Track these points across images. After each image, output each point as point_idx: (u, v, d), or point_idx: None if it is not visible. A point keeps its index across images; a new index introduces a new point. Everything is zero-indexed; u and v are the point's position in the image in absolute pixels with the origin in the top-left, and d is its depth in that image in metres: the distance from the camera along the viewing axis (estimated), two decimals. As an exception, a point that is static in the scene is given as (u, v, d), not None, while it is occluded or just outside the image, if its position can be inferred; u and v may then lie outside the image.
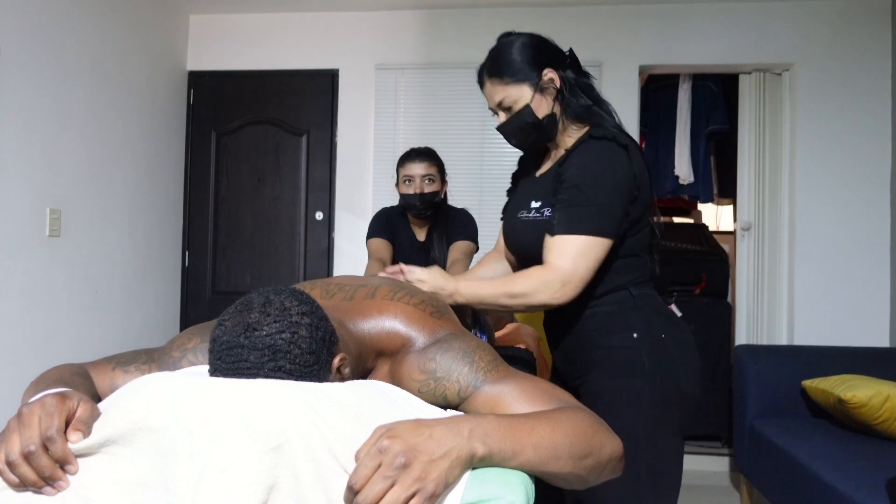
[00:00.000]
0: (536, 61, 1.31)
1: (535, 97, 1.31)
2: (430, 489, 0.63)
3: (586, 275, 1.22)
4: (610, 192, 1.23)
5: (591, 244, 1.22)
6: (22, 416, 0.68)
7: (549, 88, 1.31)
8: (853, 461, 1.97)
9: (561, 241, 1.22)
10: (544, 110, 1.32)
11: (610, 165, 1.24)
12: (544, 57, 1.32)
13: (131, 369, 0.92)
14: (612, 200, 1.23)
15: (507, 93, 1.32)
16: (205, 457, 0.64)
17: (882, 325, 3.17)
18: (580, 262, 1.21)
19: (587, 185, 1.23)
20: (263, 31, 3.62)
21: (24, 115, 2.40)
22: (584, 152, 1.27)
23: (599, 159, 1.25)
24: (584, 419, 0.80)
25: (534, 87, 1.31)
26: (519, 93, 1.31)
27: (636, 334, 1.28)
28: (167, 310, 3.51)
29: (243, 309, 0.76)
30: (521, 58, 1.31)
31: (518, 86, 1.31)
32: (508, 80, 1.31)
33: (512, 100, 1.32)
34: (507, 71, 1.31)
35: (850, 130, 3.23)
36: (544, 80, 1.31)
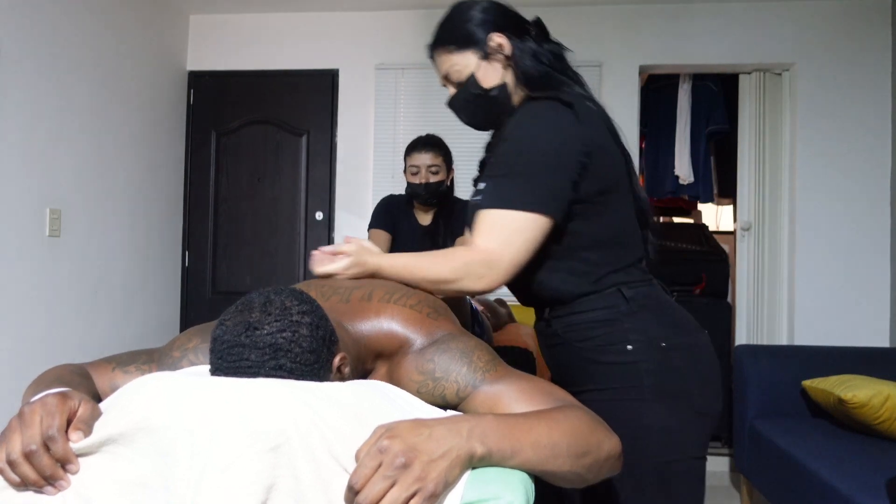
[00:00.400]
0: (485, 27, 1.16)
1: (481, 65, 1.16)
2: (430, 489, 0.64)
3: (517, 257, 1.04)
4: (547, 159, 1.05)
5: (521, 221, 1.03)
6: (23, 416, 0.68)
7: (498, 55, 1.16)
8: (853, 461, 1.97)
9: (487, 216, 1.05)
10: (492, 80, 1.16)
11: (548, 128, 1.06)
12: (495, 22, 1.17)
13: (131, 369, 0.92)
14: (550, 169, 1.05)
15: (452, 62, 1.18)
16: (205, 457, 0.64)
17: (882, 325, 3.17)
18: (509, 242, 1.03)
19: (519, 152, 1.06)
20: (263, 31, 3.62)
21: (24, 114, 2.40)
22: (519, 115, 1.11)
23: (535, 122, 1.08)
24: (582, 418, 0.80)
25: (480, 55, 1.16)
26: (465, 61, 1.17)
27: (631, 346, 1.09)
28: (167, 310, 3.51)
29: (244, 309, 0.76)
30: (468, 24, 1.17)
31: (462, 53, 1.17)
32: (453, 49, 1.17)
33: (457, 70, 1.18)
34: (452, 38, 1.18)
35: (851, 130, 3.24)
36: (491, 45, 1.15)
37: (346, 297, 1.00)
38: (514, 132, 1.08)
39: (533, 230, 1.04)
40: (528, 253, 1.05)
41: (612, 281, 1.12)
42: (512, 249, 1.04)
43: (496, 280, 1.05)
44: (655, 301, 1.15)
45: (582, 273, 1.12)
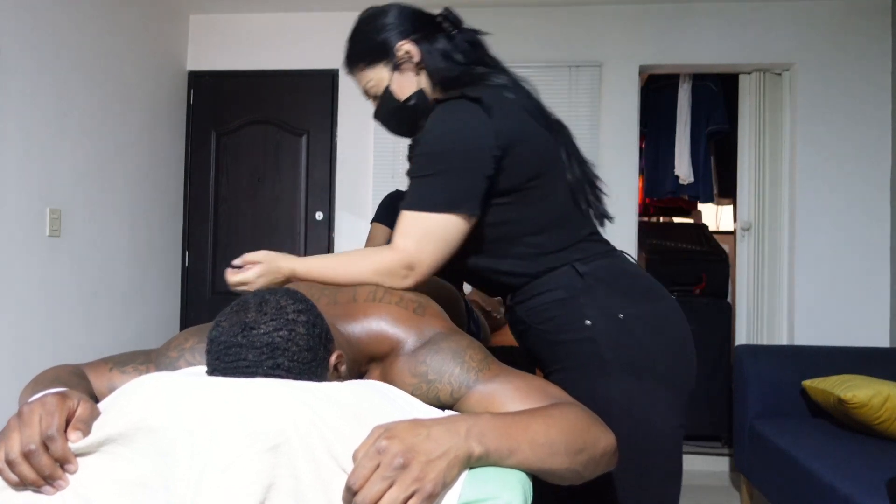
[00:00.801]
0: (391, 37, 1.15)
1: (393, 77, 1.16)
2: (428, 489, 0.64)
3: (436, 257, 1.05)
4: (458, 159, 1.04)
5: (436, 222, 1.04)
6: (22, 415, 0.68)
7: (407, 63, 1.16)
8: (853, 461, 1.97)
9: (405, 218, 1.06)
10: (408, 89, 1.17)
11: (457, 128, 1.06)
12: (400, 30, 1.16)
13: (129, 370, 0.92)
14: (461, 169, 1.04)
15: (367, 78, 1.18)
16: (205, 456, 0.64)
17: (882, 325, 3.17)
18: (425, 243, 1.04)
19: (430, 155, 1.06)
20: (263, 31, 3.62)
21: (24, 115, 2.40)
22: (432, 118, 1.09)
23: (444, 122, 1.07)
24: (578, 414, 0.80)
25: (391, 66, 1.16)
26: (377, 75, 1.17)
27: (589, 321, 1.08)
28: (167, 310, 3.51)
29: (239, 309, 0.77)
30: (373, 37, 1.16)
31: (373, 68, 1.17)
32: (364, 65, 1.18)
33: (373, 85, 1.18)
34: (361, 55, 1.18)
35: (851, 130, 3.24)
36: (399, 55, 1.15)
37: (334, 299, 1.00)
38: (424, 136, 1.08)
39: (448, 230, 1.05)
40: (446, 252, 1.06)
41: (564, 259, 1.12)
42: (430, 249, 1.04)
43: (418, 278, 1.05)
44: (613, 272, 1.13)
45: (532, 256, 1.12)
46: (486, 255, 1.14)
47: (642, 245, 3.54)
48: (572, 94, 3.39)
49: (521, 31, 3.44)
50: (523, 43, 3.42)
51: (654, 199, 4.19)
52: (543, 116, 1.16)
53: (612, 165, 3.39)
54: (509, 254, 1.13)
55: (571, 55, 3.40)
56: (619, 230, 3.38)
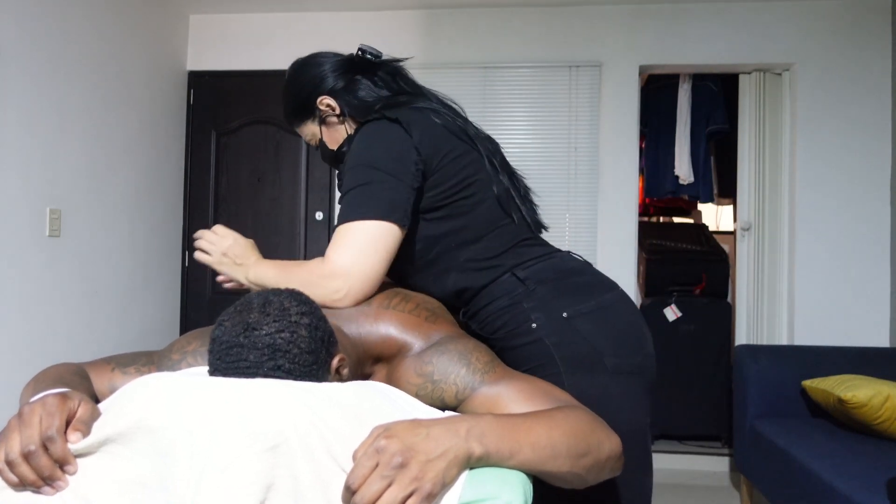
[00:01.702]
0: (313, 93, 1.21)
1: (323, 130, 1.24)
2: (427, 489, 0.64)
3: (374, 266, 1.02)
4: (383, 171, 1.06)
5: (369, 230, 1.03)
6: (23, 416, 0.68)
7: (331, 115, 1.22)
8: (853, 461, 1.97)
9: (337, 233, 1.05)
10: (338, 137, 1.23)
11: (377, 143, 1.09)
12: (317, 86, 1.21)
13: (130, 370, 0.92)
14: (389, 180, 1.05)
15: (304, 133, 1.26)
16: (204, 457, 0.64)
17: (882, 325, 3.17)
18: (360, 253, 1.02)
19: (357, 167, 1.07)
20: (263, 31, 3.62)
21: (24, 115, 2.40)
22: (355, 139, 1.14)
23: (367, 138, 1.10)
24: (582, 418, 0.80)
25: (317, 121, 1.23)
26: (310, 130, 1.25)
27: (535, 324, 1.10)
28: (167, 310, 3.51)
29: (243, 309, 0.76)
30: (296, 96, 1.23)
31: (304, 125, 1.25)
32: (297, 122, 1.25)
33: (310, 138, 1.26)
34: (291, 113, 1.25)
35: (851, 130, 3.23)
36: (322, 110, 1.21)
37: None
38: (350, 154, 1.12)
39: (382, 239, 1.03)
40: (381, 262, 1.03)
41: (503, 267, 1.14)
42: (364, 259, 1.02)
43: (357, 292, 1.01)
44: (553, 273, 1.14)
45: (472, 269, 1.14)
46: (430, 276, 1.16)
47: (642, 245, 3.54)
48: (572, 94, 3.39)
49: (521, 31, 3.43)
50: (523, 43, 3.42)
51: (654, 199, 4.19)
52: (466, 133, 1.19)
53: (612, 165, 3.39)
54: (451, 268, 1.15)
55: (571, 55, 3.40)
56: (619, 230, 3.38)
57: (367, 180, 1.05)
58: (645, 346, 1.13)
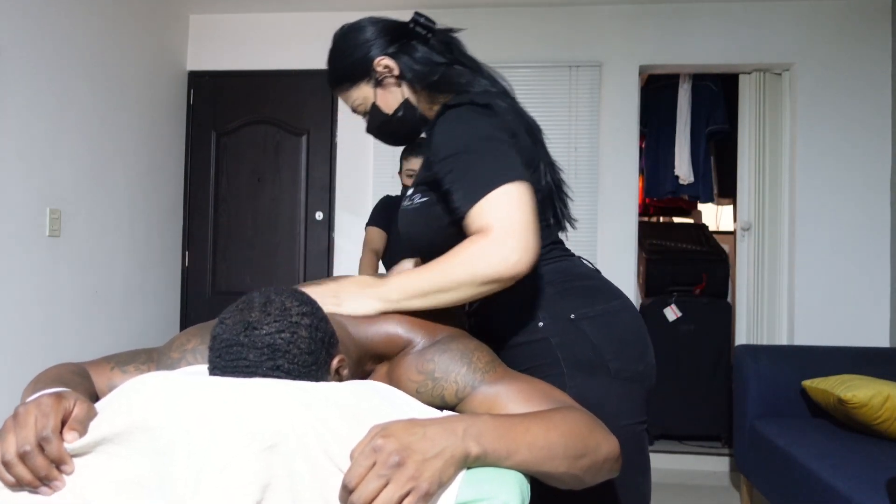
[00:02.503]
0: (368, 54, 1.16)
1: (377, 93, 1.17)
2: (423, 488, 0.64)
3: (526, 221, 0.94)
4: (490, 142, 1.02)
5: (511, 192, 0.95)
6: (18, 416, 0.68)
7: (388, 77, 1.16)
8: (853, 461, 1.97)
9: (475, 210, 0.96)
10: (394, 102, 1.18)
11: (475, 122, 1.05)
12: (375, 45, 1.16)
13: (130, 369, 0.92)
14: (498, 148, 1.01)
15: (352, 98, 1.20)
16: (202, 456, 0.64)
17: (882, 325, 3.17)
18: (509, 210, 0.94)
19: (464, 147, 1.01)
20: (263, 31, 3.62)
21: (24, 115, 2.41)
22: (442, 123, 1.08)
23: (460, 121, 1.06)
24: (580, 419, 0.80)
25: (373, 83, 1.17)
26: (362, 94, 1.18)
27: (541, 323, 1.09)
28: (167, 310, 3.51)
29: (244, 308, 0.76)
30: (350, 57, 1.16)
31: (357, 88, 1.18)
32: (348, 85, 1.18)
33: (360, 103, 1.20)
34: (342, 76, 1.18)
35: (850, 130, 3.23)
36: (379, 71, 1.16)
37: None
38: (449, 138, 1.05)
39: (524, 195, 0.96)
40: (534, 219, 0.95)
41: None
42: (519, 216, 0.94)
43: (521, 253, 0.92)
44: (563, 275, 1.13)
45: None
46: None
47: (642, 245, 3.54)
48: (572, 94, 3.39)
49: (521, 31, 3.43)
50: (523, 43, 3.42)
51: (654, 199, 4.19)
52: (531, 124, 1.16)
53: (612, 165, 3.39)
54: None
55: (571, 55, 3.40)
56: (619, 230, 3.38)
57: (485, 151, 1.00)
58: (647, 355, 1.13)
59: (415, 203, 1.13)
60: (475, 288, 0.95)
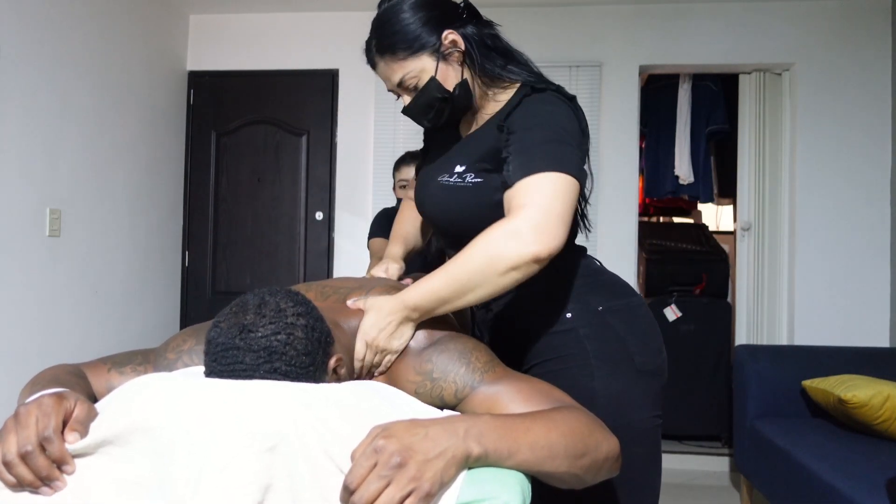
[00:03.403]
0: (432, 23, 1.08)
1: (439, 67, 1.09)
2: (425, 488, 0.64)
3: (563, 215, 0.95)
4: (565, 132, 1.03)
5: (556, 180, 0.96)
6: (19, 417, 0.68)
7: (454, 53, 1.10)
8: (853, 461, 1.97)
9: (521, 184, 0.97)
10: (453, 79, 1.11)
11: (559, 111, 1.06)
12: (440, 16, 1.09)
13: (127, 370, 0.92)
14: (569, 140, 1.02)
15: (407, 69, 1.09)
16: (202, 457, 0.64)
17: (882, 325, 3.17)
18: (549, 197, 0.95)
19: (539, 127, 1.03)
20: (263, 31, 3.62)
21: (24, 115, 2.40)
22: (529, 102, 1.08)
23: (546, 107, 1.06)
24: (581, 419, 0.80)
25: (435, 56, 1.09)
26: (419, 66, 1.09)
27: (570, 314, 1.11)
28: (167, 310, 3.51)
29: (238, 310, 0.76)
30: (413, 23, 1.07)
31: (417, 58, 1.08)
32: (405, 55, 1.08)
33: (414, 76, 1.09)
34: (401, 43, 1.08)
35: (850, 130, 3.23)
36: (445, 44, 1.09)
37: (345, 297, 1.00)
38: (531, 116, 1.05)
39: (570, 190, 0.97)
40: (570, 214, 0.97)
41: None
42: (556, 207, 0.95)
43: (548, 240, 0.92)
44: (586, 269, 1.17)
45: None
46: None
47: (642, 245, 3.54)
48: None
49: (521, 31, 3.43)
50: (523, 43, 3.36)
51: (654, 199, 4.19)
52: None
53: (612, 165, 3.38)
54: None
55: (571, 55, 3.40)
56: (619, 230, 3.38)
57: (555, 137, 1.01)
58: (663, 350, 1.17)
59: (466, 181, 1.10)
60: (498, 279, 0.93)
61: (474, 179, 1.10)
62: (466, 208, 1.11)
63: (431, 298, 0.94)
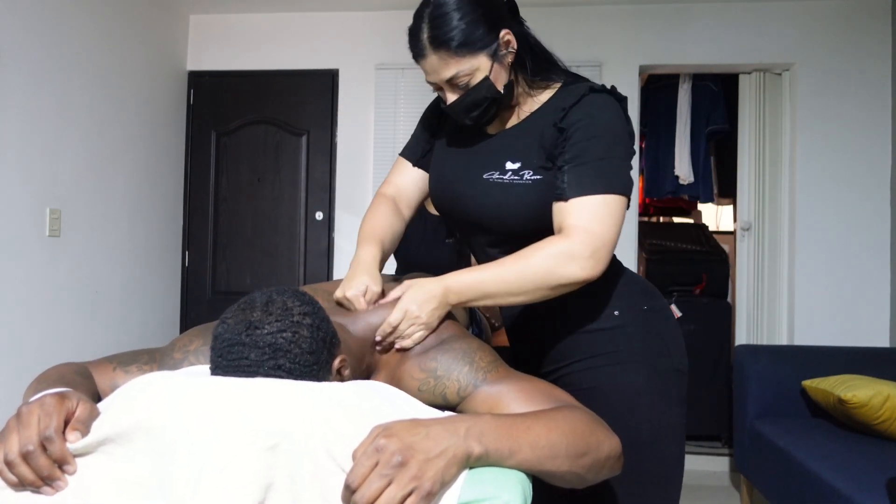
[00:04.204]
0: (490, 21, 1.05)
1: (493, 67, 1.06)
2: (426, 488, 0.64)
3: (615, 240, 1.02)
4: (621, 146, 1.05)
5: (613, 203, 1.01)
6: (21, 416, 0.68)
7: (507, 53, 1.08)
8: (853, 461, 1.97)
9: (579, 203, 1.00)
10: (503, 79, 1.09)
11: (616, 118, 1.07)
12: (495, 12, 1.06)
13: (132, 369, 0.92)
14: (623, 155, 1.05)
15: (462, 67, 1.04)
16: (203, 456, 0.64)
17: (882, 325, 3.17)
18: (607, 224, 1.00)
19: (598, 139, 1.03)
20: (263, 31, 3.62)
21: (24, 115, 2.40)
22: (589, 105, 1.06)
23: (606, 112, 1.06)
24: (582, 418, 0.80)
25: (491, 56, 1.05)
26: (476, 64, 1.05)
27: (617, 311, 1.14)
28: (167, 310, 3.51)
29: (246, 307, 0.77)
30: (474, 20, 1.03)
31: (474, 57, 1.04)
32: (464, 52, 1.03)
33: (467, 74, 1.05)
34: (460, 40, 1.03)
35: (850, 130, 3.23)
36: (501, 43, 1.06)
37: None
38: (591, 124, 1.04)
39: (621, 211, 1.03)
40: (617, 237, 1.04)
41: None
42: (611, 232, 1.01)
43: (601, 265, 1.00)
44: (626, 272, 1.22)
45: None
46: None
47: (642, 245, 3.54)
48: (572, 94, 3.39)
49: (521, 31, 3.43)
50: (523, 43, 3.41)
51: (654, 199, 4.19)
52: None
53: (612, 165, 3.38)
54: None
55: (571, 55, 3.39)
56: (619, 230, 3.37)
57: (612, 154, 1.04)
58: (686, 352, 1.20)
59: (525, 179, 1.08)
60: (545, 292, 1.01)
61: (534, 177, 1.08)
62: (527, 207, 1.09)
63: (476, 290, 1.00)
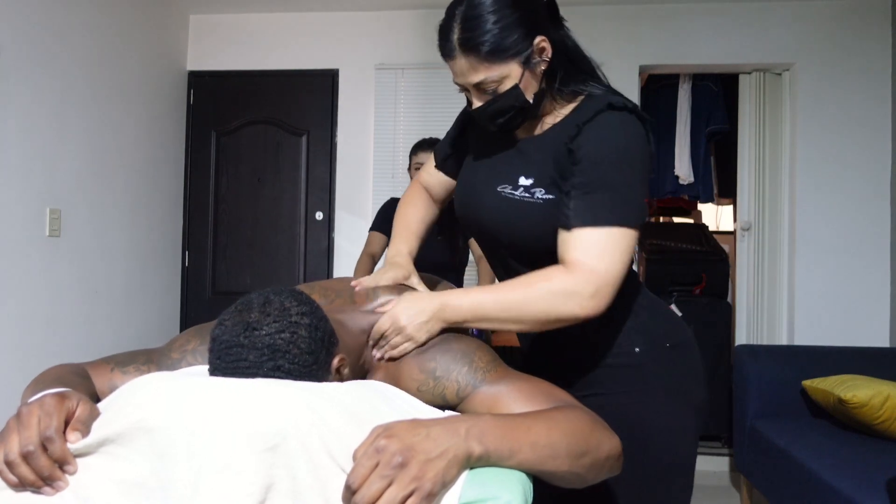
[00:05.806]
0: (525, 26, 0.97)
1: (524, 75, 0.99)
2: (427, 488, 0.64)
3: (620, 277, 0.96)
4: (634, 172, 0.98)
5: (620, 237, 0.95)
6: (21, 417, 0.68)
7: (539, 61, 1.01)
8: (853, 461, 1.97)
9: (583, 235, 0.95)
10: (533, 88, 1.02)
11: (633, 141, 0.99)
12: (532, 16, 0.98)
13: (130, 370, 0.92)
14: (636, 183, 0.98)
15: (491, 73, 0.98)
16: (203, 457, 0.64)
17: (882, 325, 3.17)
18: (612, 260, 0.95)
19: (610, 165, 0.97)
20: (263, 31, 3.62)
21: (24, 115, 2.40)
22: (603, 126, 0.99)
23: (622, 134, 0.99)
24: (582, 418, 0.80)
25: (522, 64, 0.99)
26: (506, 71, 0.98)
27: (638, 348, 1.09)
28: (167, 310, 3.51)
29: (243, 309, 0.76)
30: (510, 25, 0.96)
31: (505, 64, 0.98)
32: (495, 58, 0.97)
33: (496, 81, 0.99)
34: (491, 46, 0.96)
35: (851, 130, 3.23)
36: (535, 51, 0.99)
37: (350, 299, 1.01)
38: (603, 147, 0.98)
39: (629, 245, 0.97)
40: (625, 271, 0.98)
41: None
42: (616, 268, 0.96)
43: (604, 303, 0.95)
44: (650, 301, 1.14)
45: None
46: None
47: (642, 245, 3.54)
48: (572, 94, 3.39)
49: (521, 31, 3.43)
50: (523, 43, 3.41)
51: (654, 199, 4.19)
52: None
53: (612, 165, 3.38)
54: None
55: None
56: (619, 230, 3.38)
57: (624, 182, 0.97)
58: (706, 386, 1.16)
59: (536, 198, 1.03)
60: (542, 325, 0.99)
61: (545, 196, 1.03)
62: (537, 227, 1.04)
63: (474, 311, 0.97)
